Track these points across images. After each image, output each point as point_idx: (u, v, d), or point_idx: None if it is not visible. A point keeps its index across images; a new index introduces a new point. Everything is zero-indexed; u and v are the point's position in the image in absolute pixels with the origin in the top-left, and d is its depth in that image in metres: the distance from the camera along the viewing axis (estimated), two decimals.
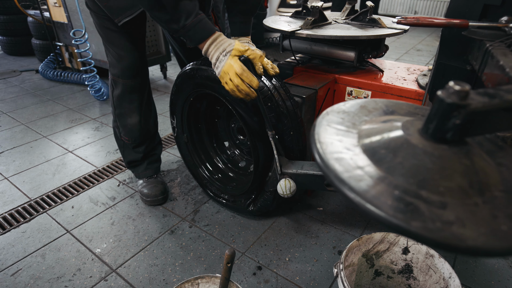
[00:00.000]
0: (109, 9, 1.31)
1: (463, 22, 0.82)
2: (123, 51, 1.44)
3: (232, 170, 1.71)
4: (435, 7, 5.94)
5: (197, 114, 1.62)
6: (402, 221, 0.35)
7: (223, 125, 1.69)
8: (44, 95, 3.21)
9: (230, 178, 1.68)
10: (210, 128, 1.71)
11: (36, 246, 1.49)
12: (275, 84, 1.27)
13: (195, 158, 1.70)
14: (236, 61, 1.11)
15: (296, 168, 1.27)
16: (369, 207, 0.36)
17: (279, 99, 1.25)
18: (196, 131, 1.67)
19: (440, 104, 0.40)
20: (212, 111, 1.66)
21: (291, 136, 1.29)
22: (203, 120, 1.65)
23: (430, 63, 4.00)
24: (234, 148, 1.74)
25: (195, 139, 1.68)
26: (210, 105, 1.61)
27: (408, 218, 0.35)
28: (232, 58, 1.11)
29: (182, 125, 1.62)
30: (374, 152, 0.43)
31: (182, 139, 1.67)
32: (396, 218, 0.35)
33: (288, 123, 1.26)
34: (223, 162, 1.73)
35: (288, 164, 1.30)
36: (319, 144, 0.44)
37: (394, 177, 0.40)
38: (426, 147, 0.42)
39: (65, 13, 3.19)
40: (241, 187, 1.57)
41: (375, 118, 0.52)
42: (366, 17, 1.58)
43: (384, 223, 0.36)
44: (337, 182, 0.39)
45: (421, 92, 1.38)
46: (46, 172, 2.03)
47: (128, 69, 1.49)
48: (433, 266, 1.03)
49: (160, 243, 1.49)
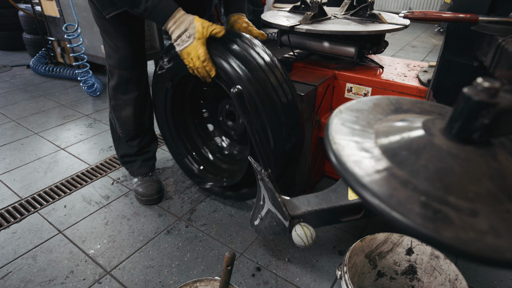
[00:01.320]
0: (99, 1, 1.29)
1: (473, 16, 0.79)
2: (121, 42, 1.42)
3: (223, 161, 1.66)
4: (429, 3, 5.94)
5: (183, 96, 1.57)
6: (432, 231, 0.31)
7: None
8: (36, 91, 3.13)
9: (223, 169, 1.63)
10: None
11: (27, 247, 1.44)
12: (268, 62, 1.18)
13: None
14: (201, 46, 1.15)
15: (304, 206, 1.11)
16: (395, 215, 0.33)
17: (274, 84, 1.15)
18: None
19: (467, 102, 0.37)
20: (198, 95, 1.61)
21: (289, 138, 1.22)
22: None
23: (426, 59, 4.00)
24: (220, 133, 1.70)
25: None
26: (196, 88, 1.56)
27: (439, 227, 0.32)
28: (197, 41, 1.15)
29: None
30: (395, 153, 0.40)
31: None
32: (426, 228, 0.32)
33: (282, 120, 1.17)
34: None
35: (292, 204, 1.13)
36: (335, 145, 0.40)
37: (419, 181, 0.37)
38: (451, 149, 0.39)
39: (57, 7, 3.10)
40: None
41: (390, 116, 0.48)
42: (366, 12, 1.54)
43: (411, 233, 0.33)
44: (358, 187, 0.36)
45: (422, 88, 1.35)
46: (38, 170, 1.97)
47: (124, 60, 1.46)
48: (438, 268, 1.01)
49: (156, 244, 1.45)
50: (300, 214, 1.11)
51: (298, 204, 1.13)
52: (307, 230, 1.06)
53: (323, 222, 1.14)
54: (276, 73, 1.18)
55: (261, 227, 1.23)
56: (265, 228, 1.22)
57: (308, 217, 1.11)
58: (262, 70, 1.14)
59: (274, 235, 1.18)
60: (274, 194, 1.09)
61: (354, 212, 1.14)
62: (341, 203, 1.09)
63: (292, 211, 1.11)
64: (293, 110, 1.20)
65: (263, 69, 1.14)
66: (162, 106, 1.54)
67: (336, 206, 1.10)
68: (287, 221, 1.10)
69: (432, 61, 3.91)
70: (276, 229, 1.16)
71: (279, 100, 1.15)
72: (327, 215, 1.11)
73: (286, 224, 1.10)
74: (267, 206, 1.16)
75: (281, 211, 1.09)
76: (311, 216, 1.11)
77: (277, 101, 1.14)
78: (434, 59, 3.99)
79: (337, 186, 1.16)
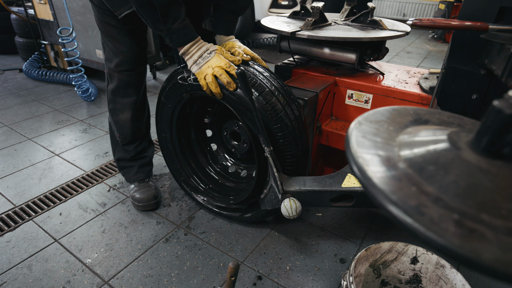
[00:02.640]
0: (110, 1, 1.28)
1: (483, 25, 0.79)
2: (123, 46, 1.41)
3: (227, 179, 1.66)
4: (423, 10, 6.02)
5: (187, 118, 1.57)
6: (472, 252, 0.30)
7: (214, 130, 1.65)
8: (29, 95, 3.08)
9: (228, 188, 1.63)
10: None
11: (22, 256, 1.39)
12: (278, 87, 1.22)
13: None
14: (222, 58, 1.20)
15: (298, 185, 1.21)
16: (431, 236, 0.31)
17: (284, 104, 1.19)
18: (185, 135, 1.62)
19: (498, 115, 0.36)
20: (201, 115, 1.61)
21: (297, 150, 1.24)
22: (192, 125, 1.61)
23: (421, 65, 4.04)
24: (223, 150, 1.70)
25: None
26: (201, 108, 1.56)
27: (477, 248, 0.30)
28: (218, 55, 1.21)
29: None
30: (421, 168, 0.39)
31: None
32: (464, 249, 0.30)
33: (292, 135, 1.21)
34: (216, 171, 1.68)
35: (289, 181, 1.24)
36: (360, 160, 0.39)
37: (449, 198, 0.35)
38: (481, 164, 0.37)
39: (50, 10, 3.06)
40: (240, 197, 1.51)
41: (411, 128, 0.47)
42: (367, 19, 1.55)
43: (448, 254, 0.31)
44: (388, 204, 0.34)
45: (424, 95, 1.35)
46: (32, 176, 1.92)
47: (124, 63, 1.45)
48: (443, 277, 1.00)
49: (155, 252, 1.42)
50: (293, 191, 1.21)
51: (294, 183, 1.24)
52: (293, 203, 1.18)
53: (314, 202, 1.23)
54: (284, 95, 1.24)
55: (264, 200, 1.34)
56: (267, 201, 1.33)
57: (300, 195, 1.21)
58: (273, 94, 1.20)
59: (271, 207, 1.31)
60: (273, 170, 1.20)
61: (346, 199, 1.21)
62: (333, 188, 1.17)
63: (286, 187, 1.22)
64: (300, 125, 1.27)
65: (273, 93, 1.20)
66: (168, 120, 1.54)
67: (328, 190, 1.18)
68: (280, 194, 1.22)
69: (427, 67, 3.95)
70: (273, 202, 1.29)
71: (288, 118, 1.21)
72: (319, 197, 1.20)
73: (280, 197, 1.22)
74: (271, 181, 1.28)
75: (277, 185, 1.22)
76: (304, 195, 1.21)
77: (287, 121, 1.21)
78: (429, 65, 4.04)
79: (335, 174, 1.24)
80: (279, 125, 1.19)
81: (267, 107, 1.18)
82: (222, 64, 1.18)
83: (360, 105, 1.51)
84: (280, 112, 1.18)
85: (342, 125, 1.55)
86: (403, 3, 6.14)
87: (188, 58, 1.23)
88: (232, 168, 1.68)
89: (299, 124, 1.25)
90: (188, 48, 1.21)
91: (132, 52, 1.43)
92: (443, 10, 5.01)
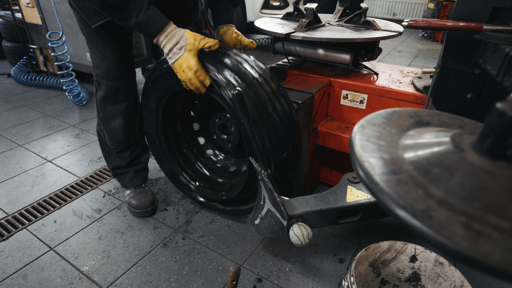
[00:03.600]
0: (83, 10, 1.26)
1: (477, 25, 0.80)
2: (108, 52, 1.38)
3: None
4: (413, 9, 6.09)
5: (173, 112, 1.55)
6: (481, 255, 0.30)
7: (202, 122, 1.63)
8: (18, 101, 3.03)
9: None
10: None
11: (17, 266, 1.37)
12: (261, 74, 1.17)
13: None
14: (192, 57, 1.14)
15: (302, 207, 1.14)
16: (441, 240, 0.31)
17: (271, 96, 1.15)
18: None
19: (501, 117, 0.37)
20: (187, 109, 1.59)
21: (287, 147, 1.21)
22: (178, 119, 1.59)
23: (412, 64, 4.08)
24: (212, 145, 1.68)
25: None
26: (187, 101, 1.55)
27: (486, 250, 0.31)
28: (188, 53, 1.15)
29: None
30: (427, 171, 0.39)
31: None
32: (473, 252, 0.30)
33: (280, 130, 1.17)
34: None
35: (290, 204, 1.16)
36: (366, 164, 0.39)
37: (456, 201, 0.36)
38: (485, 165, 0.38)
39: (39, 14, 3.02)
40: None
41: (413, 130, 0.47)
42: (360, 19, 1.56)
43: (458, 257, 0.31)
44: (396, 208, 0.35)
45: (418, 95, 1.37)
46: (24, 184, 1.89)
47: (112, 70, 1.42)
48: (442, 274, 1.01)
49: (153, 258, 1.41)
50: (298, 214, 1.13)
51: (297, 204, 1.16)
52: (304, 229, 1.08)
53: (320, 222, 1.17)
54: (272, 85, 1.19)
55: (261, 226, 1.26)
56: (265, 227, 1.24)
57: (306, 217, 1.14)
58: (258, 83, 1.15)
59: (273, 234, 1.21)
60: (273, 194, 1.11)
61: (352, 214, 1.17)
62: (338, 205, 1.13)
63: (290, 211, 1.13)
64: (289, 120, 1.21)
65: (259, 82, 1.15)
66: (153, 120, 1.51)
67: (333, 207, 1.13)
68: (285, 221, 1.12)
69: (418, 65, 4.00)
70: (275, 228, 1.18)
71: (275, 111, 1.16)
72: (325, 216, 1.14)
73: (284, 224, 1.13)
74: (267, 206, 1.19)
75: (280, 210, 1.12)
76: (309, 216, 1.14)
77: (273, 113, 1.15)
78: (420, 64, 4.08)
79: (336, 189, 1.20)
80: (266, 118, 1.13)
81: (253, 98, 1.12)
82: (191, 64, 1.14)
83: (355, 105, 1.52)
84: (266, 104, 1.14)
85: (338, 126, 1.56)
86: (393, 2, 6.21)
87: (162, 47, 1.19)
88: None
89: (288, 118, 1.20)
90: (161, 39, 1.16)
91: (117, 57, 1.40)
92: (432, 9, 5.07)
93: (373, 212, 1.13)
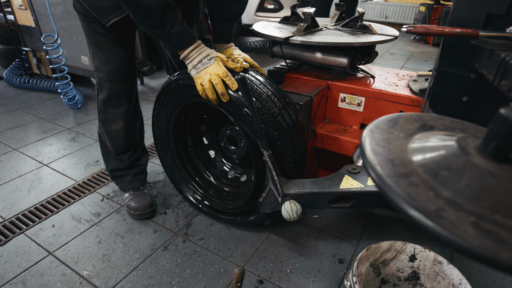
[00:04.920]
0: (96, 9, 1.25)
1: (473, 31, 0.83)
2: (112, 55, 1.39)
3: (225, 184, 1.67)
4: (404, 12, 6.18)
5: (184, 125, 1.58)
6: (492, 252, 0.32)
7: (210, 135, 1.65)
8: (11, 104, 3.00)
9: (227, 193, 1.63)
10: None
11: (15, 271, 1.36)
12: (273, 91, 1.23)
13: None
14: (221, 66, 1.21)
15: (298, 187, 1.23)
16: (454, 238, 0.33)
17: (280, 108, 1.21)
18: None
19: (505, 123, 0.39)
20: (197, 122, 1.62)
21: (295, 153, 1.26)
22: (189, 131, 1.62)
23: (405, 67, 4.14)
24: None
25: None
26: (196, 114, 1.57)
27: (496, 248, 0.33)
28: (218, 63, 1.21)
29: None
30: (436, 173, 0.41)
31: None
32: (485, 249, 0.32)
33: (291, 139, 1.23)
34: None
35: (288, 184, 1.25)
36: (379, 167, 0.41)
37: (464, 201, 0.38)
38: (490, 168, 0.40)
39: (32, 16, 3.00)
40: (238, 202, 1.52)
41: (419, 134, 0.50)
42: (357, 24, 1.59)
43: (469, 254, 0.33)
44: (410, 209, 0.36)
45: (414, 98, 1.40)
46: (20, 188, 1.87)
47: (115, 72, 1.42)
48: (441, 273, 1.03)
49: (154, 261, 1.41)
50: (293, 193, 1.23)
51: (293, 185, 1.25)
52: (293, 205, 1.19)
53: (313, 204, 1.25)
54: (281, 99, 1.25)
55: (263, 203, 1.35)
56: (266, 204, 1.34)
57: (299, 197, 1.22)
58: (270, 99, 1.21)
59: (271, 210, 1.32)
60: (272, 173, 1.21)
61: (344, 200, 1.24)
62: (331, 190, 1.20)
63: (286, 190, 1.24)
64: (298, 128, 1.29)
65: (270, 98, 1.22)
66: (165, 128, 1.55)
67: (326, 191, 1.20)
68: (280, 197, 1.23)
69: (410, 67, 4.06)
70: (273, 205, 1.30)
71: (285, 123, 1.23)
72: (318, 198, 1.22)
73: (279, 200, 1.24)
74: (269, 185, 1.28)
75: (277, 188, 1.23)
76: (303, 197, 1.22)
77: (284, 125, 1.22)
78: (412, 66, 4.15)
79: (333, 176, 1.26)
80: (277, 129, 1.21)
81: (264, 111, 1.19)
82: (220, 72, 1.19)
83: (352, 108, 1.55)
84: (277, 117, 1.20)
85: (336, 128, 1.59)
86: (385, 5, 6.30)
87: (188, 62, 1.23)
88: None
89: (296, 127, 1.27)
90: (188, 52, 1.21)
91: (122, 60, 1.41)
92: (423, 12, 5.16)
93: (364, 201, 1.18)
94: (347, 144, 1.51)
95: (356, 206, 1.21)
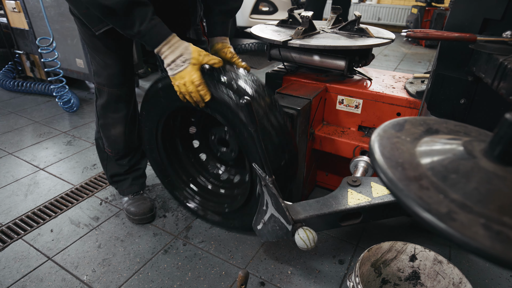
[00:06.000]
0: (87, 17, 1.25)
1: (471, 36, 0.85)
2: (110, 59, 1.38)
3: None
4: (396, 14, 6.26)
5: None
6: (502, 253, 0.34)
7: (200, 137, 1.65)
8: (5, 108, 2.96)
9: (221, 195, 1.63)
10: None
11: (14, 277, 1.35)
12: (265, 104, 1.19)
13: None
14: (195, 71, 1.15)
15: (305, 211, 1.16)
16: (466, 240, 0.34)
17: (266, 110, 1.17)
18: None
19: (510, 127, 0.40)
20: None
21: (282, 157, 1.24)
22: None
23: (398, 68, 4.19)
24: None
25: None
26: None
27: (506, 248, 0.34)
28: (192, 67, 1.15)
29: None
30: (445, 177, 0.42)
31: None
32: (495, 250, 0.34)
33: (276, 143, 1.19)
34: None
35: (295, 209, 1.17)
36: (389, 172, 0.42)
37: (474, 204, 0.39)
38: (497, 171, 0.41)
39: (25, 19, 2.97)
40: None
41: (426, 138, 0.51)
42: (354, 27, 1.61)
43: (480, 255, 0.35)
44: (422, 212, 0.38)
45: (411, 100, 1.42)
46: (17, 193, 1.86)
47: (114, 77, 1.42)
48: (441, 272, 1.05)
49: (155, 265, 1.41)
50: (302, 219, 1.15)
51: (300, 209, 1.18)
52: (309, 233, 1.10)
53: (324, 226, 1.20)
54: (266, 100, 1.21)
55: (264, 231, 1.27)
56: (268, 232, 1.25)
57: (309, 221, 1.16)
58: (253, 99, 1.17)
59: (276, 238, 1.23)
60: (277, 200, 1.13)
61: (353, 217, 1.21)
62: (341, 208, 1.16)
63: (294, 216, 1.15)
64: (285, 132, 1.24)
65: (254, 98, 1.18)
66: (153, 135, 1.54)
67: (336, 211, 1.16)
68: (290, 225, 1.13)
69: (404, 69, 4.11)
70: (279, 233, 1.20)
71: (270, 125, 1.19)
72: (328, 220, 1.17)
73: (289, 228, 1.14)
74: (270, 211, 1.20)
75: (284, 215, 1.13)
76: (313, 220, 1.16)
77: (268, 127, 1.18)
78: (406, 67, 4.20)
79: (336, 193, 1.23)
80: (263, 132, 1.16)
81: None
82: (193, 78, 1.15)
83: (350, 110, 1.57)
84: (261, 119, 1.16)
85: (334, 130, 1.60)
86: (378, 7, 6.37)
87: (163, 58, 1.19)
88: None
89: (283, 131, 1.23)
90: (161, 48, 1.15)
91: (119, 64, 1.40)
92: (415, 14, 5.23)
93: (374, 215, 1.16)
94: (345, 146, 1.53)
95: (366, 221, 1.18)
